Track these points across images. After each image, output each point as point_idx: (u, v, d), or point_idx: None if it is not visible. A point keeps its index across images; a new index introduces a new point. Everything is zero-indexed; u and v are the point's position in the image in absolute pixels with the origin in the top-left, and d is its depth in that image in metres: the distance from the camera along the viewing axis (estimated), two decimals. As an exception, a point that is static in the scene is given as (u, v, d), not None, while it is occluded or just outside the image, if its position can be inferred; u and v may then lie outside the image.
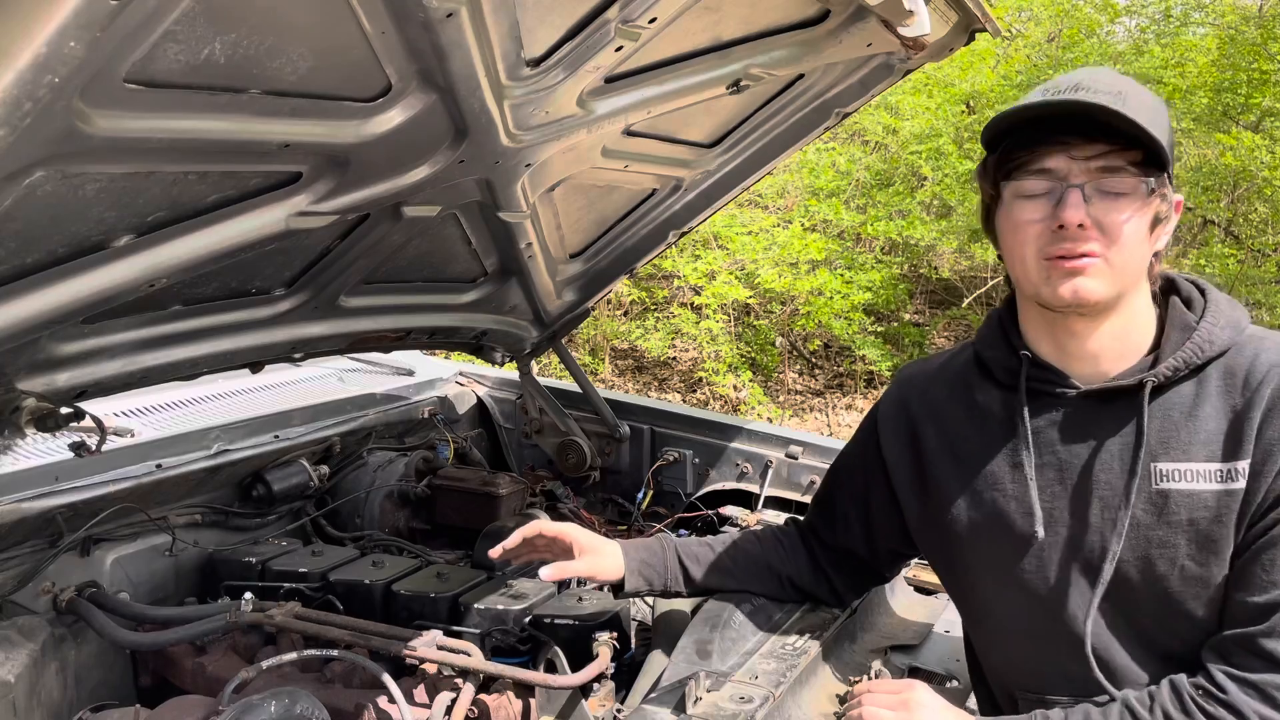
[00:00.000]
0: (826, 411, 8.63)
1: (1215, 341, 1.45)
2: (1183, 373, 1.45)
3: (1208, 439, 1.42)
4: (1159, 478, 1.44)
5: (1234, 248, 8.98)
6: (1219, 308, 1.49)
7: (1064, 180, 1.38)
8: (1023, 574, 1.54)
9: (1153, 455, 1.44)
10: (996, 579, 1.58)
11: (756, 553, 1.93)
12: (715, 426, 3.06)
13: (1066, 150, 1.37)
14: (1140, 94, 1.39)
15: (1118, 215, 1.37)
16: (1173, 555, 1.43)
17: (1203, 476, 1.41)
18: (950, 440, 1.64)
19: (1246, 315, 1.50)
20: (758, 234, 8.62)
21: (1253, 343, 1.46)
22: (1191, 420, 1.43)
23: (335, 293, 2.26)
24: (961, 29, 2.14)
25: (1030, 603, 1.54)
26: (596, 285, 2.94)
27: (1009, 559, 1.55)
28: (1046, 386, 1.52)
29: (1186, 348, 1.44)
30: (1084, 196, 1.36)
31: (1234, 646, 1.38)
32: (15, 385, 1.78)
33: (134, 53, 1.18)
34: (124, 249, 1.62)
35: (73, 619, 2.04)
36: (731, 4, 1.83)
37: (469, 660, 1.77)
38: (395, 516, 2.84)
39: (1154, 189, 1.38)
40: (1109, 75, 1.42)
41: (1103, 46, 10.11)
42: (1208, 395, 1.44)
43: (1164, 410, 1.45)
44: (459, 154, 1.85)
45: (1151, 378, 1.44)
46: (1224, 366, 1.45)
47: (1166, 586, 1.45)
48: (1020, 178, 1.42)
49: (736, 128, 2.43)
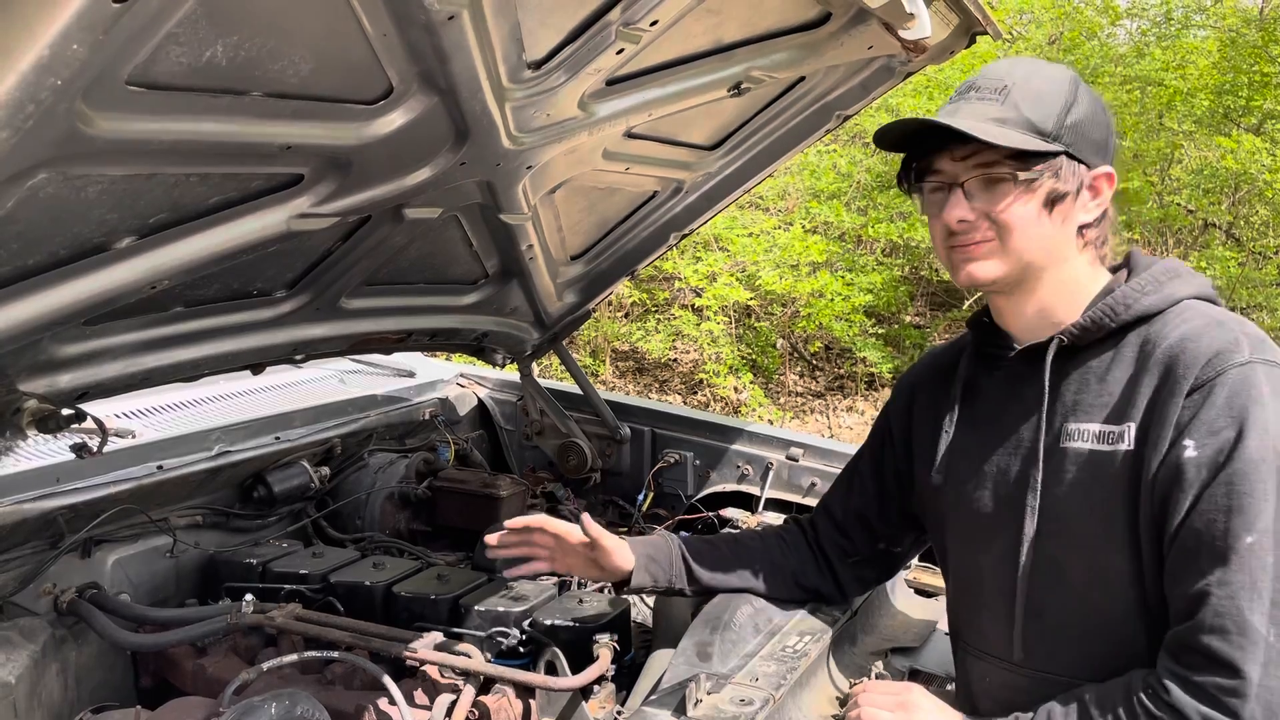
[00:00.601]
0: (827, 413, 8.63)
1: (1132, 305, 1.48)
2: (1095, 333, 1.50)
3: (1109, 403, 1.47)
4: (1064, 436, 1.50)
5: (1235, 250, 8.97)
6: (1154, 276, 1.51)
7: (951, 179, 1.51)
8: (959, 526, 1.66)
9: (1065, 415, 1.51)
10: (945, 532, 1.72)
11: (759, 548, 1.95)
12: (716, 428, 3.06)
13: (949, 153, 1.50)
14: (1030, 83, 1.48)
15: (998, 204, 1.48)
16: (1064, 514, 1.49)
17: (1095, 437, 1.47)
18: (931, 402, 1.76)
19: (1197, 289, 1.51)
20: (759, 236, 8.62)
21: (1180, 315, 1.47)
22: (1101, 383, 1.49)
23: (337, 294, 2.26)
24: (962, 32, 2.14)
25: (965, 555, 1.66)
26: (597, 287, 2.94)
27: (946, 512, 1.69)
28: (993, 349, 1.65)
29: (1097, 308, 1.50)
30: (966, 193, 1.49)
31: (1179, 645, 1.36)
32: (17, 386, 1.79)
33: (136, 55, 1.18)
34: (126, 250, 1.62)
35: (73, 620, 2.04)
36: (733, 7, 1.84)
37: (469, 662, 1.77)
38: (396, 518, 2.84)
39: (1033, 177, 1.46)
40: (1006, 68, 1.52)
41: (1104, 49, 10.12)
42: (1121, 360, 1.48)
43: (1082, 373, 1.51)
44: (460, 156, 1.85)
45: (1060, 336, 1.51)
46: (1143, 334, 1.48)
47: (1061, 546, 1.50)
48: (922, 180, 1.56)
49: (738, 130, 2.43)
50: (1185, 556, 1.37)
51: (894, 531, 1.89)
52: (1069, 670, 1.50)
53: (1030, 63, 1.54)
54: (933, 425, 1.73)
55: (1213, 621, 1.31)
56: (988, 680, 1.63)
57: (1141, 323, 1.48)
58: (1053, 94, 1.48)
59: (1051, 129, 1.46)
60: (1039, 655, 1.54)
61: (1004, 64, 1.53)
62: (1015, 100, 1.46)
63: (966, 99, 1.50)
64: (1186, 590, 1.36)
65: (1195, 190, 9.35)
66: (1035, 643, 1.54)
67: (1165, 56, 9.84)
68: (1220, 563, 1.32)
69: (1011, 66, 1.52)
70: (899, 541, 1.91)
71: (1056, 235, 1.50)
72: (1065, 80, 1.50)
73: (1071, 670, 1.50)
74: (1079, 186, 1.49)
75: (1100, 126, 1.51)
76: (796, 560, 1.93)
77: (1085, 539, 1.47)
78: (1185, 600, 1.36)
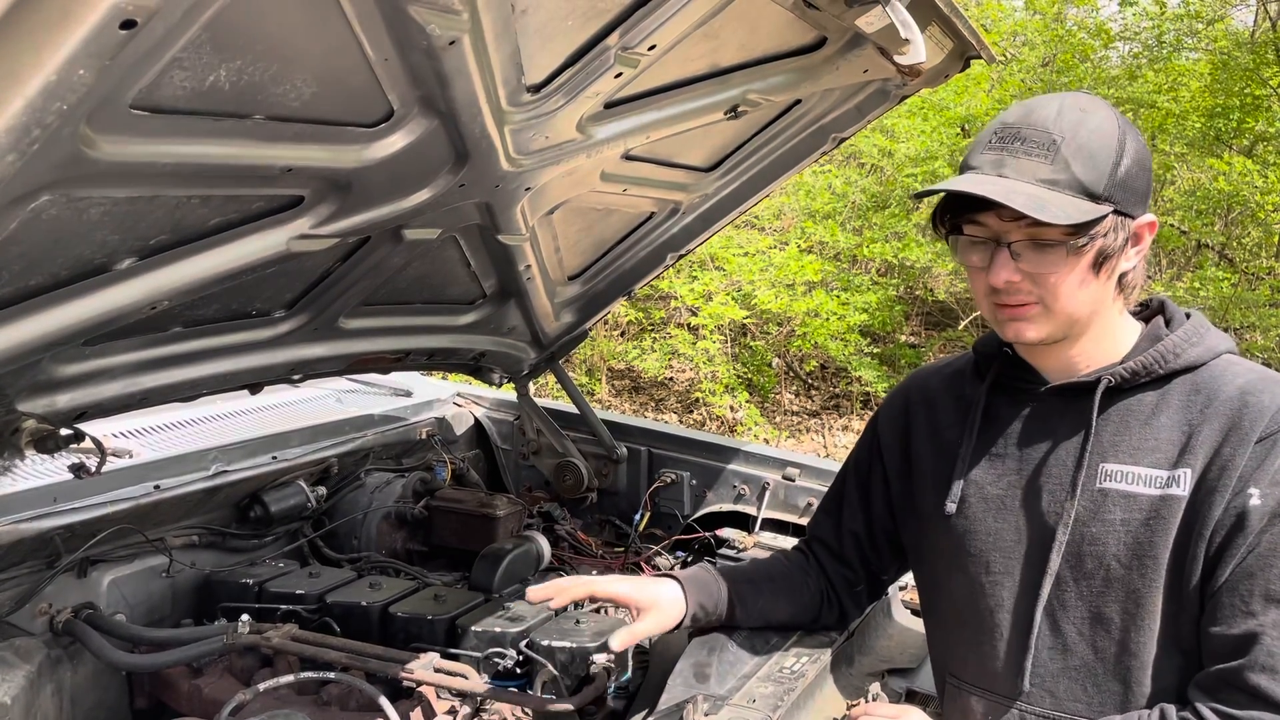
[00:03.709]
0: (823, 432, 8.64)
1: (1181, 355, 1.48)
2: (1143, 378, 1.49)
3: (1156, 446, 1.46)
4: (1103, 476, 1.49)
5: (1228, 271, 9.02)
6: (1195, 328, 1.52)
7: (996, 236, 1.44)
8: (968, 558, 1.61)
9: (1101, 455, 1.50)
10: (949, 562, 1.65)
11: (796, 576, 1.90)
12: (712, 448, 3.06)
13: (996, 210, 1.42)
14: (1078, 136, 1.41)
15: (1048, 268, 1.43)
16: (1100, 553, 1.47)
17: (1144, 481, 1.46)
18: (935, 427, 1.72)
19: (1230, 345, 1.53)
20: (754, 255, 8.66)
21: (1227, 367, 1.49)
22: (1146, 427, 1.48)
23: (335, 314, 2.27)
24: (957, 56, 2.17)
25: (972, 588, 1.61)
26: (594, 307, 2.95)
27: (954, 542, 1.63)
28: (1019, 382, 1.61)
29: (1149, 354, 1.49)
30: (1013, 254, 1.43)
31: (1219, 682, 1.38)
32: (16, 407, 1.79)
33: (141, 80, 1.20)
34: (126, 271, 1.63)
35: (69, 640, 2.04)
36: (730, 31, 1.85)
37: (466, 683, 1.77)
38: (393, 538, 2.83)
39: (1085, 241, 1.41)
40: (1054, 114, 1.42)
41: (1096, 71, 10.19)
42: (1168, 405, 1.48)
43: (1122, 414, 1.50)
44: (459, 178, 1.86)
45: (1109, 376, 1.50)
46: (1191, 383, 1.48)
47: (1091, 586, 1.49)
48: (962, 228, 1.48)
49: (734, 152, 2.45)
50: (1236, 598, 1.38)
51: (882, 558, 1.87)
52: (1080, 708, 1.51)
53: (1076, 107, 1.44)
54: (939, 453, 1.69)
55: (1264, 661, 1.34)
56: (988, 718, 1.60)
57: (1186, 371, 1.49)
58: (1103, 150, 1.41)
59: (1103, 190, 1.40)
60: (1050, 691, 1.53)
61: (1050, 108, 1.44)
62: (1066, 157, 1.39)
63: (1012, 151, 1.42)
64: (1233, 630, 1.38)
65: (1188, 211, 9.41)
66: (1049, 678, 1.53)
67: (1157, 79, 9.93)
68: (1274, 605, 1.36)
69: (1059, 113, 1.43)
70: (885, 569, 1.90)
71: (1101, 291, 1.47)
72: (1114, 132, 1.42)
73: (1082, 708, 1.50)
74: (1124, 240, 1.45)
75: (1144, 173, 1.45)
76: (816, 588, 1.90)
77: (1122, 578, 1.46)
78: (1231, 640, 1.38)
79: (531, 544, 2.63)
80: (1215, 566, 1.40)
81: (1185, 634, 1.45)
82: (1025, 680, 1.53)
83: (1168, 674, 1.47)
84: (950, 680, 1.68)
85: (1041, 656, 1.53)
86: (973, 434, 1.63)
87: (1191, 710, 1.39)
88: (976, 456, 1.62)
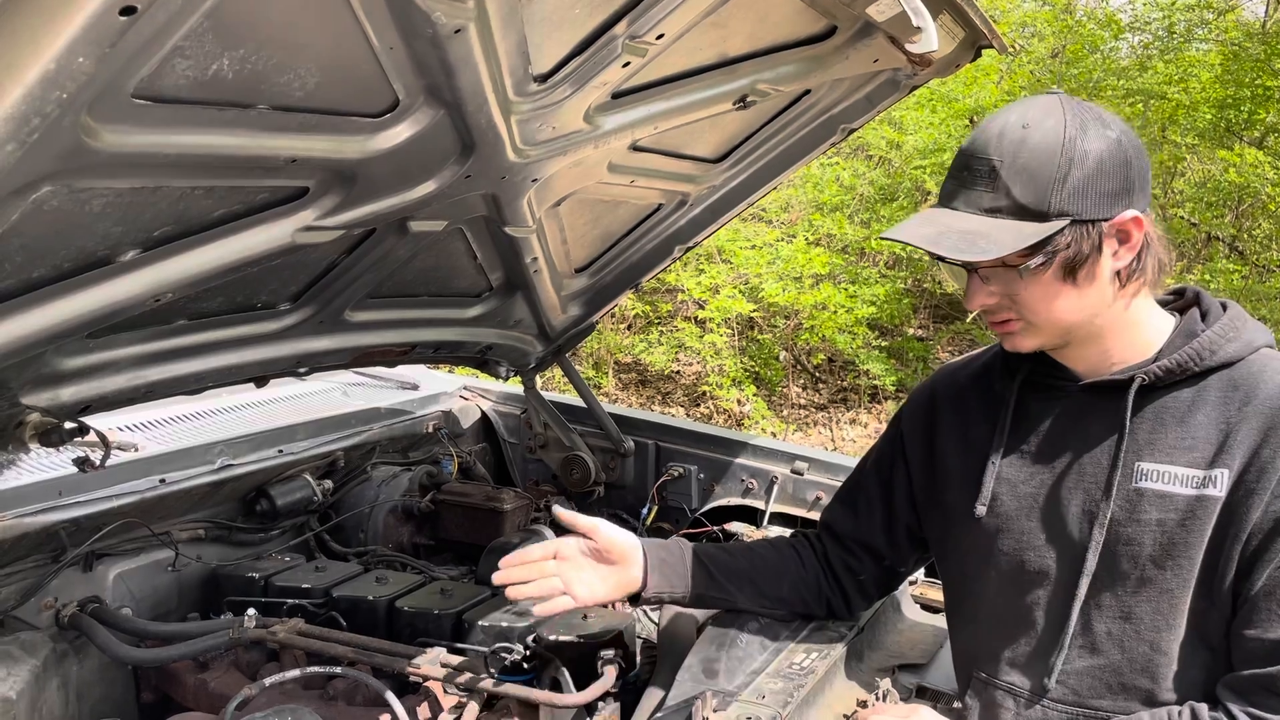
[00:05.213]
0: (830, 426, 8.61)
1: (1218, 351, 1.46)
2: (1177, 375, 1.47)
3: (1193, 445, 1.45)
4: (1139, 476, 1.47)
5: (1239, 263, 8.97)
6: (1232, 321, 1.50)
7: (965, 264, 1.47)
8: (1000, 556, 1.60)
9: (1137, 453, 1.48)
10: (979, 560, 1.64)
11: (775, 560, 1.89)
12: (720, 441, 3.04)
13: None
14: (1018, 158, 1.39)
15: (1016, 289, 1.46)
16: (1135, 553, 1.46)
17: (1180, 480, 1.45)
18: (963, 424, 1.70)
19: (1269, 338, 1.50)
20: (762, 248, 8.62)
21: (1266, 363, 1.46)
22: (1182, 425, 1.46)
23: (340, 307, 2.26)
24: (968, 45, 2.14)
25: (1004, 587, 1.60)
26: (601, 300, 2.93)
27: (986, 542, 1.62)
28: (1050, 379, 1.59)
29: (1184, 351, 1.47)
30: (983, 278, 1.47)
31: (1253, 686, 1.38)
32: (19, 400, 1.78)
33: (142, 68, 1.18)
34: (130, 264, 1.62)
35: (75, 635, 2.03)
36: (739, 20, 1.83)
37: (472, 678, 1.76)
38: (399, 532, 2.83)
39: (1039, 261, 1.40)
40: (995, 136, 1.41)
41: (1106, 63, 10.14)
42: (1204, 403, 1.46)
43: (1157, 411, 1.48)
44: (465, 169, 1.85)
45: (1143, 375, 1.48)
46: (1228, 379, 1.46)
47: (1125, 586, 1.48)
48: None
49: (742, 143, 2.43)
50: (1273, 603, 1.38)
51: (900, 553, 1.85)
52: (1104, 704, 1.50)
53: (1019, 124, 1.41)
54: (967, 450, 1.67)
55: None
56: (1015, 715, 1.59)
57: (1223, 368, 1.47)
58: (1044, 167, 1.38)
59: (1048, 208, 1.38)
60: (1074, 688, 1.53)
61: (994, 128, 1.42)
62: (1005, 183, 1.39)
63: (962, 181, 1.44)
64: (1269, 635, 1.37)
65: (1198, 203, 9.35)
66: (1074, 675, 1.52)
67: (1168, 70, 9.86)
68: None
69: (1000, 135, 1.41)
70: (904, 562, 1.88)
71: (1087, 295, 1.45)
72: (1057, 144, 1.38)
73: (1106, 704, 1.50)
74: (1097, 243, 1.42)
75: (1112, 173, 1.40)
76: (812, 574, 1.89)
77: (1155, 578, 1.46)
78: (1266, 645, 1.38)
79: (538, 538, 2.62)
80: (1251, 570, 1.39)
81: (1213, 631, 1.44)
82: (1053, 678, 1.52)
83: (1194, 669, 1.46)
84: (977, 677, 1.66)
85: (1070, 654, 1.52)
86: (1004, 432, 1.61)
87: (1224, 710, 1.39)
88: (1008, 454, 1.61)
